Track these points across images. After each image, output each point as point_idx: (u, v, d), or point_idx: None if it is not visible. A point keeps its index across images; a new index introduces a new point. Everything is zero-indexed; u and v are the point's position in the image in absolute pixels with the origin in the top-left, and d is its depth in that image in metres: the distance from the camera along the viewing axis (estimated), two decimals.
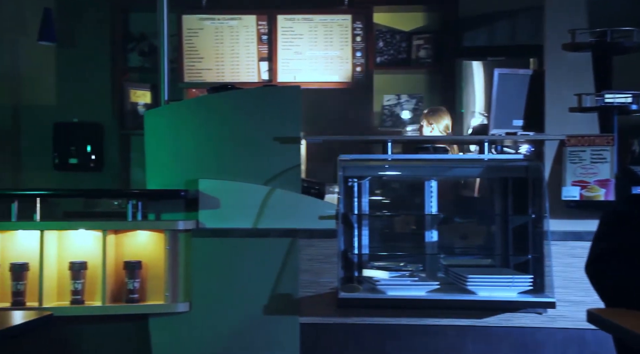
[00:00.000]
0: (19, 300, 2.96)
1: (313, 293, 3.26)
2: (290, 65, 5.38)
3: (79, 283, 3.01)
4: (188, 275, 3.14)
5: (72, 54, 5.29)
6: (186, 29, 5.33)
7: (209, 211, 3.21)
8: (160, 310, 3.10)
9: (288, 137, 3.31)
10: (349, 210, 3.48)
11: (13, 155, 5.21)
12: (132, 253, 3.12)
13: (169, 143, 3.30)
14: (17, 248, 3.05)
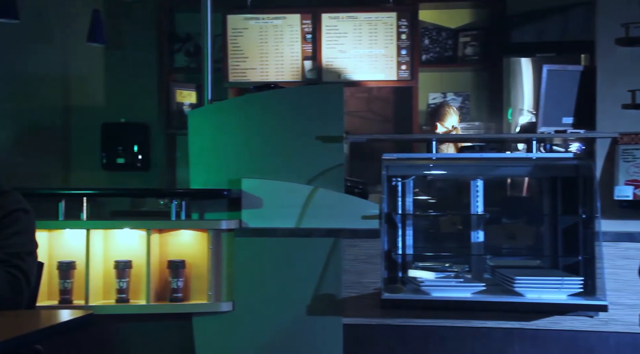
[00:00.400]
0: (66, 298, 3.01)
1: (356, 293, 3.23)
2: (335, 63, 5.35)
3: (124, 281, 3.04)
4: (231, 274, 3.15)
5: (119, 55, 5.36)
6: (231, 28, 5.35)
7: (252, 211, 3.21)
8: (203, 309, 3.11)
9: (331, 136, 3.28)
10: (392, 210, 3.43)
11: (63, 155, 5.31)
12: (176, 252, 3.14)
13: (212, 143, 3.30)
14: (64, 246, 3.09)
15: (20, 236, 1.74)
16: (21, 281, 1.67)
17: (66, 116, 5.36)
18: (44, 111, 5.30)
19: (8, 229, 1.73)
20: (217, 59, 5.44)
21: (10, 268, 1.65)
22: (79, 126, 5.32)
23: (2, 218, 1.74)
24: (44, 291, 3.05)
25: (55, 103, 5.31)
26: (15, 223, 1.75)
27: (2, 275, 1.62)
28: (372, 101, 5.63)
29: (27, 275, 1.68)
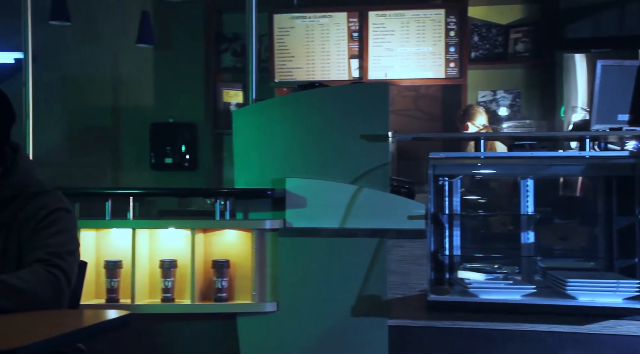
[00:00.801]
0: (112, 297, 3.03)
1: (402, 294, 3.17)
2: (381, 62, 5.30)
3: (169, 281, 3.05)
4: (275, 274, 3.13)
5: (168, 55, 5.41)
6: (277, 27, 5.35)
7: (296, 211, 3.18)
8: (248, 310, 3.10)
9: (376, 135, 3.23)
10: (439, 210, 3.36)
11: (113, 154, 5.39)
12: (221, 251, 3.13)
13: (256, 142, 3.29)
14: (111, 245, 3.12)
15: (62, 236, 1.74)
16: (61, 280, 1.67)
17: (116, 116, 5.44)
18: (95, 112, 5.39)
19: (49, 228, 1.74)
20: (263, 59, 5.45)
21: (50, 267, 1.66)
22: (129, 126, 5.39)
23: (43, 218, 1.75)
24: (92, 290, 3.09)
25: (105, 103, 5.40)
26: (57, 222, 1.75)
27: (43, 274, 1.63)
28: (420, 100, 5.55)
29: (67, 275, 1.68)
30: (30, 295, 1.58)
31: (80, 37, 5.37)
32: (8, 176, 1.78)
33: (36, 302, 1.59)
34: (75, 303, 1.96)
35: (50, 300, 1.61)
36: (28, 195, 1.78)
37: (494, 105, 5.45)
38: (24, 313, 1.55)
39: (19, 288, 1.56)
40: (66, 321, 1.52)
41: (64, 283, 1.66)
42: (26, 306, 1.57)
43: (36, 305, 1.59)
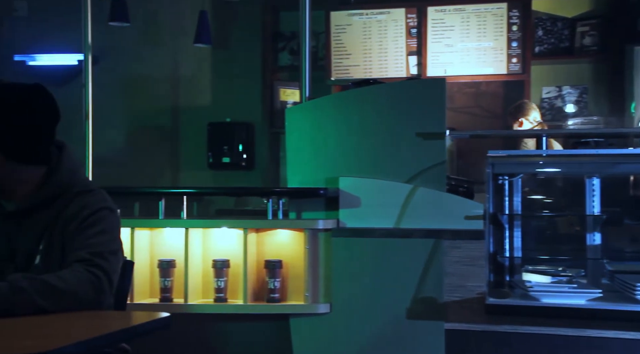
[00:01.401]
0: (166, 296, 3.03)
1: (459, 297, 3.07)
2: (441, 58, 5.18)
3: (221, 280, 3.03)
4: (328, 275, 3.07)
5: (225, 55, 5.43)
6: (334, 25, 5.29)
7: (350, 210, 3.12)
8: (300, 311, 3.05)
9: (432, 133, 3.14)
10: (498, 210, 3.24)
11: (172, 154, 5.44)
12: (273, 251, 3.10)
13: (309, 140, 3.24)
14: (165, 245, 3.12)
15: (104, 236, 1.73)
16: (103, 280, 1.66)
17: (174, 116, 5.49)
18: (154, 112, 5.45)
19: (92, 228, 1.73)
20: (320, 57, 5.41)
21: (92, 267, 1.64)
22: (187, 126, 5.43)
23: (86, 217, 1.74)
24: (146, 289, 3.10)
25: (164, 103, 5.46)
26: (99, 222, 1.74)
27: (84, 274, 1.61)
28: (481, 96, 5.40)
29: (109, 275, 1.67)
30: (71, 295, 1.57)
31: (139, 38, 5.44)
32: (52, 175, 1.78)
33: (77, 302, 1.58)
34: (122, 303, 1.95)
35: (91, 301, 1.60)
36: (72, 195, 1.78)
37: (559, 101, 5.26)
38: (63, 314, 1.54)
39: (59, 288, 1.56)
40: (104, 323, 1.50)
41: (106, 283, 1.64)
42: (67, 306, 1.56)
43: (77, 306, 1.58)
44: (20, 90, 1.76)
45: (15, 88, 1.76)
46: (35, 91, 1.78)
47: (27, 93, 1.76)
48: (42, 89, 1.80)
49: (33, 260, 1.72)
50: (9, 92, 1.75)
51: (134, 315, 1.67)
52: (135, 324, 1.46)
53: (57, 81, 5.43)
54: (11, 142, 1.71)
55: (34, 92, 1.78)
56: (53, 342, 1.24)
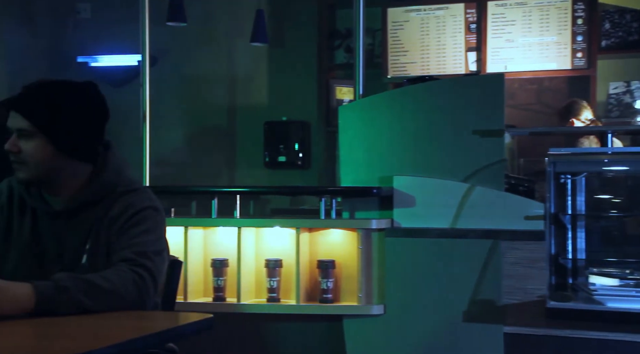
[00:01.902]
0: (219, 296, 3.03)
1: (518, 300, 2.96)
2: (501, 54, 5.05)
3: (274, 280, 3.01)
4: (382, 276, 3.01)
5: (281, 53, 5.42)
6: (391, 22, 5.22)
7: (404, 210, 3.06)
8: (353, 312, 3.01)
9: (490, 130, 3.04)
10: (560, 210, 3.11)
11: (229, 153, 5.47)
12: (326, 251, 3.06)
13: (363, 139, 3.19)
14: (218, 244, 3.12)
15: (148, 235, 1.71)
16: (147, 280, 1.64)
17: (231, 115, 5.51)
18: (211, 111, 5.49)
19: (137, 227, 1.72)
20: (377, 54, 5.35)
21: (136, 267, 1.63)
22: (243, 125, 5.45)
23: (131, 216, 1.73)
24: (200, 288, 3.10)
25: (221, 103, 5.49)
26: (144, 221, 1.73)
27: (128, 273, 1.61)
28: (543, 93, 5.24)
29: (153, 275, 1.65)
30: (114, 294, 1.56)
31: (197, 38, 5.48)
32: (99, 174, 1.79)
33: (121, 302, 1.57)
34: (170, 303, 1.94)
35: (135, 301, 1.59)
36: (117, 194, 1.78)
37: (627, 97, 5.05)
38: (103, 314, 1.53)
39: (103, 287, 1.55)
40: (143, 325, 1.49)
41: (150, 283, 1.63)
42: (110, 306, 1.55)
43: (121, 305, 1.57)
44: (73, 86, 1.79)
45: (67, 84, 1.79)
46: (87, 88, 1.80)
47: (79, 90, 1.79)
48: (94, 87, 1.82)
49: (80, 260, 1.73)
50: (62, 88, 1.77)
51: (176, 316, 1.65)
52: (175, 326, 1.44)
53: (118, 82, 5.53)
54: (63, 136, 1.73)
55: (86, 89, 1.80)
56: (87, 344, 1.23)
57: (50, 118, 1.72)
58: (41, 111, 1.71)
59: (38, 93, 1.75)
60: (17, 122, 1.72)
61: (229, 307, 3.00)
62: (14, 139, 1.73)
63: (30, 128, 1.71)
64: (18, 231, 1.77)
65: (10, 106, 1.73)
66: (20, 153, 1.72)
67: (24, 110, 1.71)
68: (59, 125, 1.73)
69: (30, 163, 1.72)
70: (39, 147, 1.72)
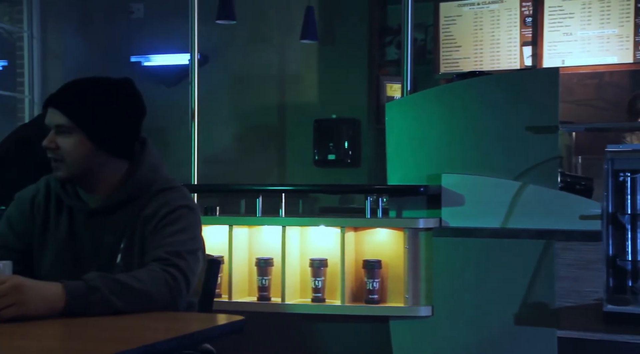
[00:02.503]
0: (263, 295, 3.00)
1: (573, 303, 2.84)
2: (558, 48, 4.88)
3: (319, 280, 2.96)
4: (430, 276, 2.93)
5: (331, 51, 5.37)
6: (443, 16, 5.11)
7: (453, 209, 2.97)
8: (400, 313, 2.94)
9: (543, 126, 2.93)
10: (618, 209, 2.97)
11: (279, 151, 5.45)
12: (372, 251, 3.00)
13: (410, 136, 3.12)
14: (263, 243, 3.10)
15: (183, 234, 1.68)
16: (179, 281, 1.57)
17: (281, 113, 5.50)
18: (262, 109, 5.48)
19: (171, 226, 1.68)
20: (429, 50, 5.24)
21: (169, 267, 1.59)
22: (293, 123, 5.43)
23: (165, 215, 1.70)
24: (245, 288, 3.08)
25: (271, 101, 5.47)
26: (178, 220, 1.69)
27: (160, 273, 1.57)
28: (603, 88, 5.04)
29: (186, 275, 1.61)
30: (145, 295, 1.53)
31: (247, 36, 5.48)
32: (134, 172, 1.76)
33: (152, 303, 1.53)
34: (208, 303, 1.91)
35: (167, 301, 1.55)
36: (152, 192, 1.75)
37: None
38: (134, 315, 1.50)
39: (134, 288, 1.52)
40: (172, 326, 1.45)
41: (182, 283, 1.59)
42: (141, 306, 1.52)
43: (152, 306, 1.53)
44: (110, 82, 1.78)
45: (105, 81, 1.78)
46: (124, 84, 1.79)
47: (116, 86, 1.77)
48: (131, 83, 1.80)
49: (115, 259, 1.71)
50: (99, 85, 1.76)
51: (207, 318, 1.61)
52: (204, 328, 1.40)
53: (170, 81, 5.58)
54: (100, 132, 1.72)
55: (123, 86, 1.79)
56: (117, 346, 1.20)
57: (88, 114, 1.70)
58: (79, 107, 1.70)
59: (76, 89, 1.74)
60: (55, 118, 1.71)
61: (274, 307, 2.97)
62: (52, 136, 1.72)
63: (68, 124, 1.70)
64: (54, 230, 1.75)
65: (49, 103, 1.72)
66: (58, 150, 1.71)
67: (61, 106, 1.70)
68: (97, 120, 1.71)
69: (67, 159, 1.71)
70: (76, 143, 1.70)
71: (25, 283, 1.43)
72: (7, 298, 1.39)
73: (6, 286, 1.40)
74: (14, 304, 1.39)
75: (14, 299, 1.39)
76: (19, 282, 1.42)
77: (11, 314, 1.39)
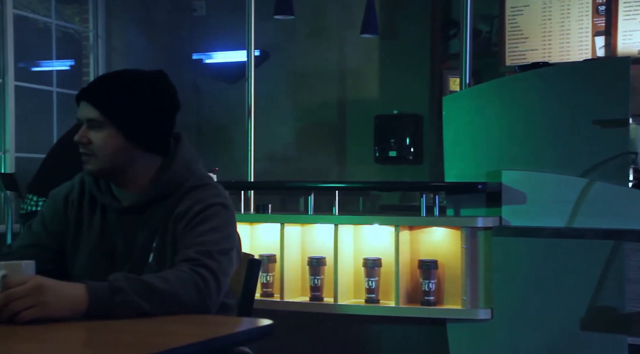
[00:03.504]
0: (316, 295, 2.93)
1: None
2: (634, 37, 4.61)
3: (372, 280, 2.87)
4: (489, 278, 2.80)
5: (392, 45, 5.25)
6: (509, 7, 4.91)
7: (514, 207, 2.82)
8: (458, 316, 2.81)
9: (612, 120, 2.75)
10: None
11: (339, 148, 5.37)
12: (428, 251, 2.88)
13: (468, 131, 2.98)
14: (315, 241, 3.02)
15: (215, 233, 1.60)
16: (209, 282, 1.49)
17: (341, 109, 5.41)
18: (321, 105, 5.41)
19: (203, 225, 1.61)
20: (494, 42, 5.05)
21: (198, 267, 1.52)
22: (354, 119, 5.33)
23: (197, 213, 1.63)
24: (297, 287, 3.01)
25: (331, 97, 5.39)
26: (211, 218, 1.62)
27: (188, 274, 1.50)
28: None
29: (217, 276, 1.53)
30: (171, 296, 1.45)
31: (307, 31, 5.42)
32: (167, 168, 1.70)
33: (179, 305, 1.46)
34: (247, 305, 1.84)
35: (196, 304, 1.48)
36: (185, 189, 1.68)
37: None
38: (160, 318, 1.42)
39: (160, 289, 1.45)
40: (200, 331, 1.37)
41: (212, 285, 1.51)
42: (169, 309, 1.45)
43: (180, 309, 1.46)
44: (143, 75, 1.72)
45: (138, 74, 1.72)
46: (158, 78, 1.73)
47: (150, 79, 1.71)
48: (164, 76, 1.74)
49: (147, 258, 1.65)
50: (132, 78, 1.70)
51: (236, 322, 1.52)
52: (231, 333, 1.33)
53: (232, 78, 5.57)
54: (133, 126, 1.66)
55: (157, 79, 1.72)
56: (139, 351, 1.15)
57: (119, 107, 1.65)
58: (111, 100, 1.65)
59: (108, 82, 1.69)
60: (86, 112, 1.66)
61: (326, 307, 2.89)
62: (84, 130, 1.67)
63: (99, 118, 1.65)
64: (88, 229, 1.71)
65: (80, 96, 1.68)
66: (90, 144, 1.66)
67: (93, 99, 1.65)
68: (129, 114, 1.66)
69: (99, 154, 1.65)
70: (108, 137, 1.65)
71: (47, 283, 1.38)
72: (28, 299, 1.34)
73: (27, 287, 1.35)
74: (34, 305, 1.34)
75: (35, 300, 1.34)
76: (40, 282, 1.37)
77: (32, 316, 1.34)
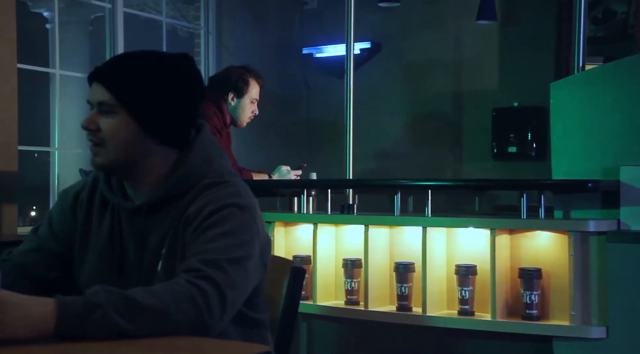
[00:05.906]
0: (403, 305, 2.66)
1: None
2: None
3: (466, 290, 2.57)
4: (604, 291, 2.41)
5: (513, 31, 4.84)
6: None
7: (634, 209, 2.42)
8: (564, 333, 2.44)
9: None
10: None
11: (455, 144, 5.03)
12: (530, 258, 2.54)
13: (580, 121, 2.61)
14: (404, 245, 2.76)
15: (226, 239, 1.36)
16: (210, 297, 1.27)
17: (457, 102, 5.06)
18: (435, 98, 5.10)
19: (213, 229, 1.38)
20: (630, 24, 4.51)
21: (199, 279, 1.28)
22: (470, 112, 4.97)
23: (208, 216, 1.40)
24: (383, 294, 2.76)
25: (446, 89, 5.07)
26: (224, 221, 1.38)
27: (184, 287, 1.26)
28: None
29: (221, 290, 1.28)
30: (159, 314, 1.23)
31: (418, 20, 5.12)
32: (183, 162, 1.49)
33: (170, 324, 1.24)
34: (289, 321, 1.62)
35: (192, 322, 1.25)
36: (201, 187, 1.46)
37: None
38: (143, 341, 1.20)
39: (144, 305, 1.22)
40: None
41: (215, 300, 1.27)
42: (157, 329, 1.23)
43: (170, 328, 1.24)
44: (164, 57, 1.52)
45: (157, 55, 1.53)
46: (180, 61, 1.52)
47: (171, 62, 1.51)
48: (188, 60, 1.53)
49: (157, 267, 1.45)
50: (150, 59, 1.50)
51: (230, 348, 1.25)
52: None
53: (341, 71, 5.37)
54: (148, 112, 1.46)
55: (178, 62, 1.52)
56: None
57: (136, 91, 1.46)
58: (126, 82, 1.46)
59: (124, 63, 1.49)
60: (97, 95, 1.47)
61: (414, 319, 2.62)
62: (93, 115, 1.48)
63: (111, 102, 1.46)
64: (96, 232, 1.53)
65: (92, 77, 1.49)
66: (99, 132, 1.47)
67: (105, 80, 1.46)
68: (146, 100, 1.46)
69: (109, 144, 1.46)
70: (120, 124, 1.46)
71: (7, 299, 1.19)
72: None
73: None
74: None
75: None
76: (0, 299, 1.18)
77: None
